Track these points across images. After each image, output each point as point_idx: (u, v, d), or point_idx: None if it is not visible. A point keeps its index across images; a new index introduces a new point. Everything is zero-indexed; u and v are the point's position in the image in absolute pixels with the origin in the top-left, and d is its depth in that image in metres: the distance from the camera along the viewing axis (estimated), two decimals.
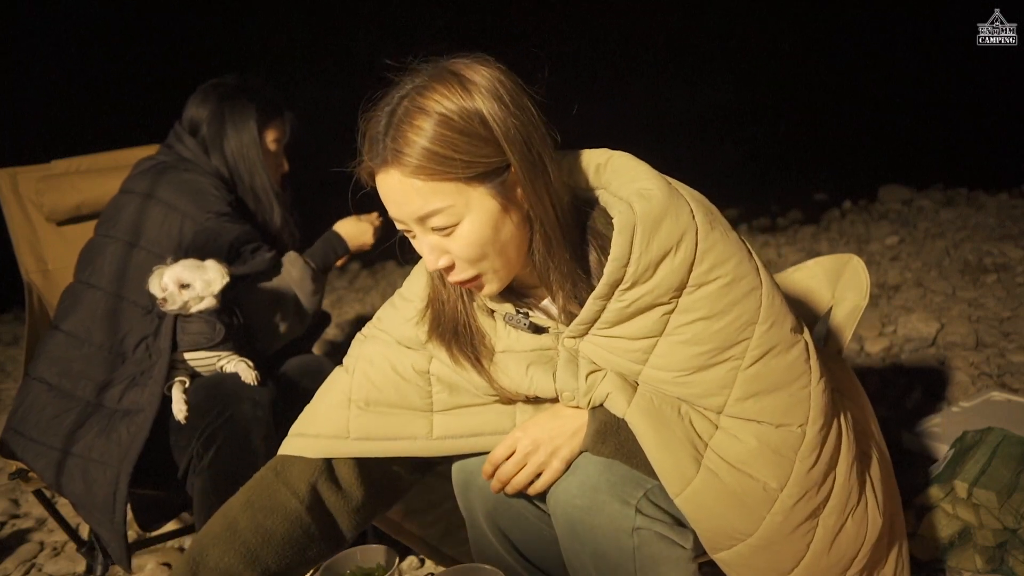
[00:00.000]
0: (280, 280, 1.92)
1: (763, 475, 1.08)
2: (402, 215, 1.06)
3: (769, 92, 9.25)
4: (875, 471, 1.24)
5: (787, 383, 1.10)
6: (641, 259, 1.04)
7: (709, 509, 1.08)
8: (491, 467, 1.19)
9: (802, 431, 1.10)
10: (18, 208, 2.22)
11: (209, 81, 1.99)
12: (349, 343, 1.36)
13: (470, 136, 1.00)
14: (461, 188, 1.02)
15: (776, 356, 1.09)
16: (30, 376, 1.81)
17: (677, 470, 1.07)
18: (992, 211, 4.73)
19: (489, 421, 1.23)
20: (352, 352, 1.30)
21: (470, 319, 1.20)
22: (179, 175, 1.88)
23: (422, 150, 0.99)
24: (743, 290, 1.08)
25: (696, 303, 1.07)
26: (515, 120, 1.01)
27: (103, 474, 1.62)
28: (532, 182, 1.04)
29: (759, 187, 6.49)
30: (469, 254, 1.06)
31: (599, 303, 1.08)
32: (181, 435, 1.66)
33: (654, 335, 1.09)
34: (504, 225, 1.06)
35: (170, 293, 1.66)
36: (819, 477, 1.11)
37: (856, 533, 1.15)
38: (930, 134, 7.40)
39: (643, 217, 1.04)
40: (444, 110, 1.00)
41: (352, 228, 2.08)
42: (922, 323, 3.00)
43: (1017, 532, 1.61)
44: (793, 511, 1.09)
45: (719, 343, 1.08)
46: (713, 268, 1.06)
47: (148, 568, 2.12)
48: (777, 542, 1.09)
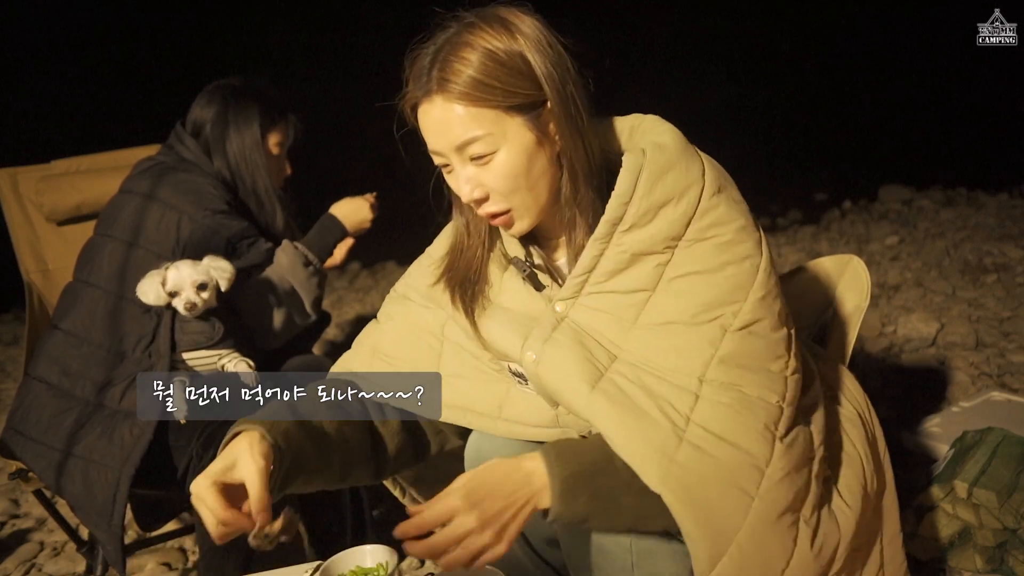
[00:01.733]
0: (272, 270, 1.89)
1: (748, 445, 1.03)
2: (443, 145, 1.10)
3: (769, 92, 9.24)
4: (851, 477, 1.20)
5: (769, 360, 1.09)
6: (643, 201, 1.08)
7: (696, 497, 0.99)
8: (415, 529, 0.99)
9: (779, 407, 1.08)
10: (18, 208, 2.22)
11: (214, 82, 1.98)
12: (349, 343, 1.37)
13: (512, 70, 1.06)
14: (500, 116, 1.07)
15: (764, 330, 1.09)
16: (30, 376, 1.81)
17: (656, 453, 1.00)
18: (992, 211, 4.74)
19: (478, 400, 1.24)
20: (383, 307, 1.37)
21: (483, 265, 1.24)
22: (179, 176, 1.88)
23: (467, 78, 1.05)
24: (740, 254, 1.09)
25: (691, 257, 1.09)
26: (552, 63, 1.08)
27: (103, 476, 1.62)
28: (566, 119, 1.09)
29: (759, 187, 6.48)
30: (504, 185, 1.10)
31: (598, 246, 1.10)
32: (181, 435, 1.66)
33: (647, 288, 1.10)
34: (537, 159, 1.10)
35: (191, 298, 1.66)
36: (798, 461, 1.08)
37: (832, 531, 1.12)
38: (930, 134, 7.40)
39: (651, 161, 1.09)
40: (490, 46, 1.06)
41: (348, 207, 2.04)
42: (922, 323, 3.00)
43: (1017, 532, 1.61)
44: (778, 492, 1.03)
45: (710, 300, 1.08)
46: (712, 226, 1.09)
47: (148, 568, 2.12)
48: (766, 536, 1.03)
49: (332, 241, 2.01)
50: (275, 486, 1.08)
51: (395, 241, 1.62)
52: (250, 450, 1.05)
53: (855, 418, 1.29)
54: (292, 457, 1.11)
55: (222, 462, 1.06)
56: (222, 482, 1.04)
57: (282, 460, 1.09)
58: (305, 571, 1.27)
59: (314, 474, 1.17)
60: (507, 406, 1.23)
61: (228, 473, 1.05)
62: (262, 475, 1.04)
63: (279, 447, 1.09)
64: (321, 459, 1.18)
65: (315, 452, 1.16)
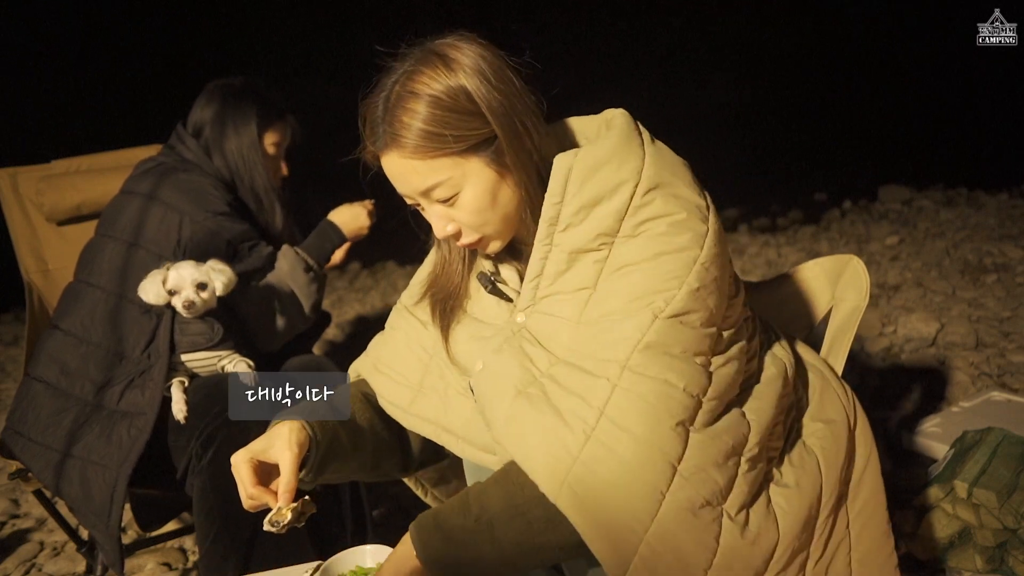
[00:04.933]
0: (273, 275, 1.91)
1: (659, 440, 1.01)
2: (407, 191, 1.15)
3: (769, 92, 9.25)
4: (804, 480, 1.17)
5: (695, 352, 1.08)
6: (574, 200, 1.10)
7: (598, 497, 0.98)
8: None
9: (698, 400, 1.06)
10: (18, 208, 2.22)
11: (214, 82, 2.00)
12: (349, 343, 1.38)
13: (458, 112, 1.08)
14: (457, 161, 1.10)
15: (695, 322, 1.08)
16: (29, 376, 1.81)
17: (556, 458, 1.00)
18: (992, 211, 4.74)
19: (452, 419, 1.25)
20: (389, 317, 1.43)
21: (463, 280, 1.29)
22: (181, 177, 1.88)
23: (417, 131, 1.08)
24: (675, 245, 1.09)
25: (626, 252, 1.10)
26: (497, 93, 1.09)
27: (101, 476, 1.62)
28: (516, 149, 1.11)
29: (759, 187, 6.49)
30: (472, 220, 1.14)
31: (542, 249, 1.13)
32: (180, 435, 1.66)
33: (588, 286, 1.12)
34: (501, 190, 1.13)
35: (190, 296, 1.66)
36: (719, 455, 1.05)
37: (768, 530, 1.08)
38: (930, 134, 7.41)
39: (581, 160, 1.11)
40: (432, 91, 1.08)
41: (346, 215, 2.06)
42: (922, 323, 3.00)
43: (1017, 532, 1.61)
44: (691, 487, 1.01)
45: (643, 288, 1.07)
46: (645, 222, 1.10)
47: (148, 568, 2.12)
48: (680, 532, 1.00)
49: (331, 247, 2.04)
50: (312, 471, 1.18)
51: (395, 241, 1.62)
52: (288, 436, 1.15)
53: (827, 427, 1.24)
54: (327, 445, 1.20)
55: (262, 443, 1.16)
56: (258, 460, 1.15)
57: (318, 449, 1.18)
58: (305, 571, 1.27)
59: (348, 462, 1.26)
60: (471, 428, 1.22)
61: (265, 453, 1.16)
62: (294, 461, 1.14)
63: (316, 437, 1.18)
64: (355, 448, 1.26)
65: (349, 442, 1.25)
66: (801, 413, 1.27)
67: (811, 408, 1.28)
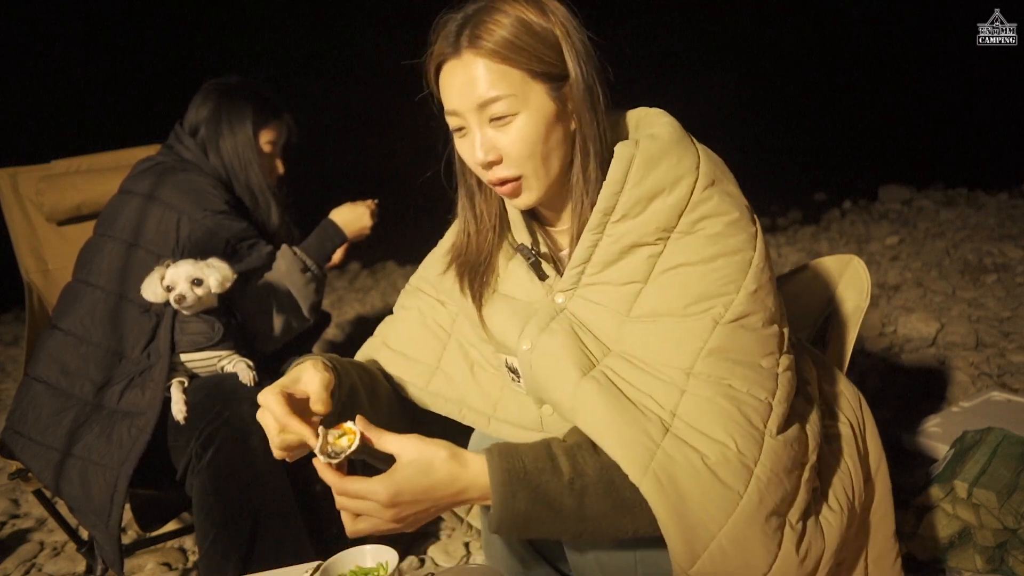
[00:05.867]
0: (271, 275, 1.91)
1: (737, 442, 1.01)
2: (464, 103, 1.10)
3: (769, 91, 9.25)
4: (839, 489, 1.18)
5: (760, 356, 1.08)
6: (634, 190, 1.08)
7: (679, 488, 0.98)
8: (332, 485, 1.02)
9: (768, 404, 1.06)
10: (18, 208, 2.22)
11: (211, 80, 2.00)
12: (349, 343, 1.38)
13: (542, 40, 1.09)
14: (525, 80, 1.08)
15: (755, 324, 1.08)
16: (29, 376, 1.81)
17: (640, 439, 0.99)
18: (992, 211, 4.74)
19: (475, 397, 1.26)
20: (399, 299, 1.41)
21: (492, 252, 1.25)
22: (179, 176, 1.88)
23: (499, 37, 1.07)
24: (731, 247, 1.08)
25: (682, 249, 1.09)
26: (580, 43, 1.11)
27: (102, 476, 1.62)
28: (586, 98, 1.11)
29: (759, 187, 6.48)
30: (519, 149, 1.10)
31: (592, 237, 1.11)
32: (180, 435, 1.66)
33: (639, 280, 1.10)
34: (554, 131, 1.11)
35: (183, 291, 1.66)
36: (790, 463, 1.06)
37: (818, 540, 1.09)
38: (930, 134, 7.40)
39: (643, 151, 1.09)
40: (523, 15, 1.09)
41: (348, 214, 2.05)
42: (922, 323, 3.00)
43: (1017, 532, 1.61)
44: (767, 492, 1.01)
45: (701, 292, 1.07)
46: (703, 219, 1.09)
47: (148, 568, 2.12)
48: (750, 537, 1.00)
49: (331, 247, 2.03)
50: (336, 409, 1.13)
51: (395, 241, 1.62)
52: (314, 367, 1.11)
53: (848, 430, 1.26)
54: (350, 386, 1.18)
55: (288, 377, 1.11)
56: (288, 392, 1.07)
57: (340, 386, 1.15)
58: (305, 571, 1.27)
59: (367, 410, 1.22)
60: (500, 406, 1.24)
61: (294, 385, 1.10)
62: (326, 385, 1.10)
63: (339, 373, 1.16)
64: (372, 395, 1.25)
65: (367, 389, 1.24)
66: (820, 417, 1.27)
67: (827, 411, 1.28)
